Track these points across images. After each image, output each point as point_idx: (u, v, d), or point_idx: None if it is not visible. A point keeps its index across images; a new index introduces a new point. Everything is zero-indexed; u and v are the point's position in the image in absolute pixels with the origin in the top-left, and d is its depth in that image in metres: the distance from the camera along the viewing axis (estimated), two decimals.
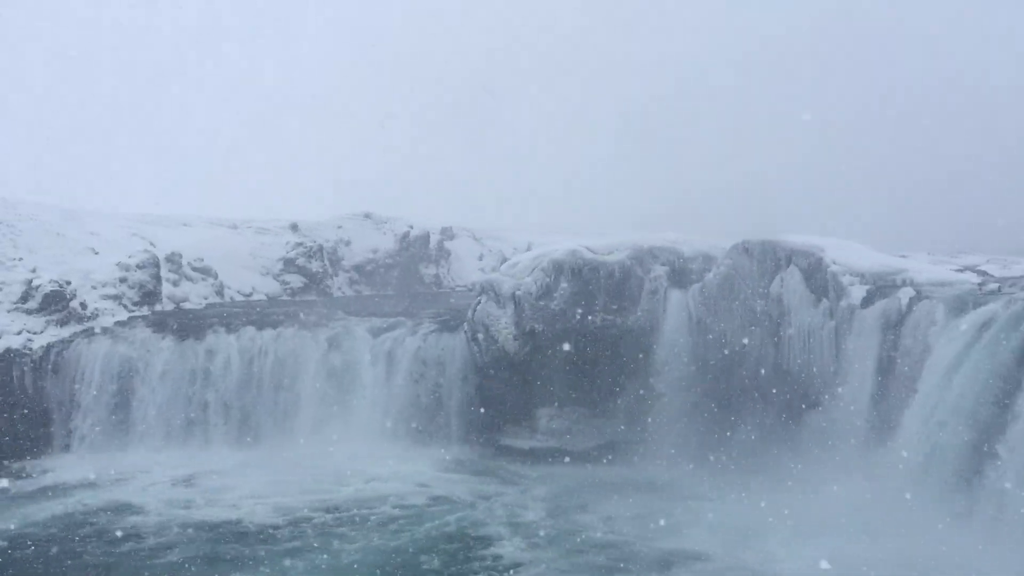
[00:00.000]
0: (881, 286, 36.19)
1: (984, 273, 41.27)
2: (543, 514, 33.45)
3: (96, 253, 53.02)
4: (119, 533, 31.36)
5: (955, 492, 28.67)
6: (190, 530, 31.60)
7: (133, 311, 49.65)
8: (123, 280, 50.42)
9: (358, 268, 69.67)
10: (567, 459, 39.96)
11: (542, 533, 31.11)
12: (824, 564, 26.60)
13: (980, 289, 34.76)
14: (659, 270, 42.71)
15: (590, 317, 42.67)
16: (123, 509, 34.18)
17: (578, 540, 30.42)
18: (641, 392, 41.40)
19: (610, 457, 40.05)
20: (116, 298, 49.37)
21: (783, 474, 34.37)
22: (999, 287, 34.66)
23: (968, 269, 41.95)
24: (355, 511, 33.79)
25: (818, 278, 38.06)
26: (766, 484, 34.15)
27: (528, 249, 60.61)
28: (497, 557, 28.88)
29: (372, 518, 32.92)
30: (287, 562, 28.50)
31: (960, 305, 32.48)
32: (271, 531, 31.51)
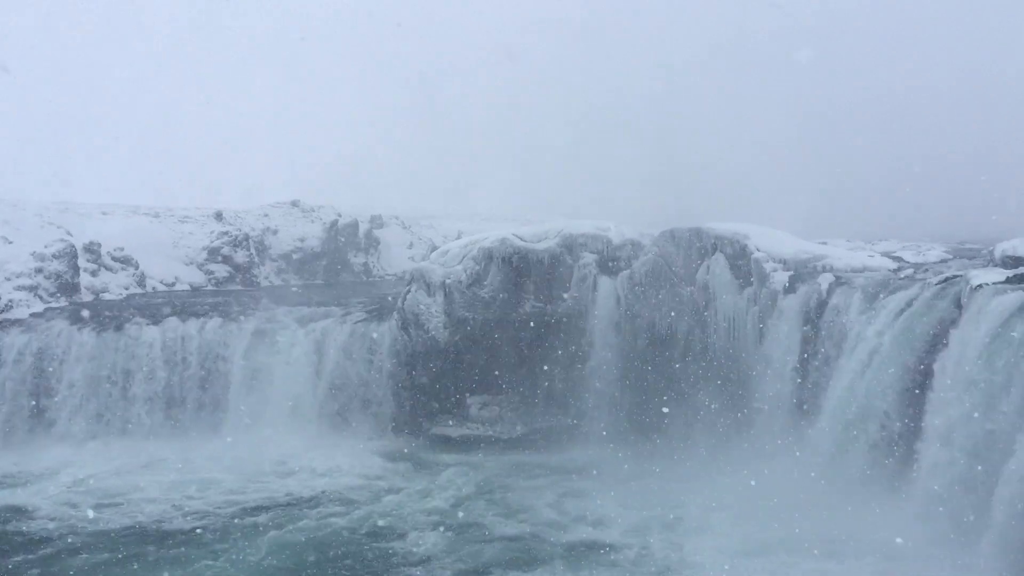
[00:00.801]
0: (802, 272, 37.20)
1: (900, 259, 42.65)
2: (464, 504, 33.26)
3: (9, 242, 51.04)
4: (21, 537, 29.93)
5: (876, 470, 29.65)
6: (100, 532, 30.31)
7: (49, 302, 48.04)
8: (39, 270, 48.71)
9: (285, 257, 68.51)
10: (498, 447, 40.14)
11: (459, 525, 30.92)
12: (735, 549, 27.22)
13: (896, 274, 35.95)
14: (588, 257, 43.06)
15: (520, 305, 42.87)
16: (29, 510, 32.68)
17: (494, 532, 30.34)
18: (571, 379, 41.77)
19: (541, 444, 40.35)
20: (31, 289, 47.68)
21: (710, 457, 35.11)
22: (914, 272, 35.91)
23: (884, 255, 43.28)
24: (276, 505, 33.30)
25: (742, 265, 38.88)
26: (693, 469, 34.82)
27: (458, 237, 60.42)
28: (409, 552, 28.50)
29: (293, 512, 32.40)
30: (200, 562, 27.60)
31: (877, 290, 33.56)
32: (188, 530, 30.55)
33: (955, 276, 30.84)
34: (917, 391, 29.11)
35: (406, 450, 40.30)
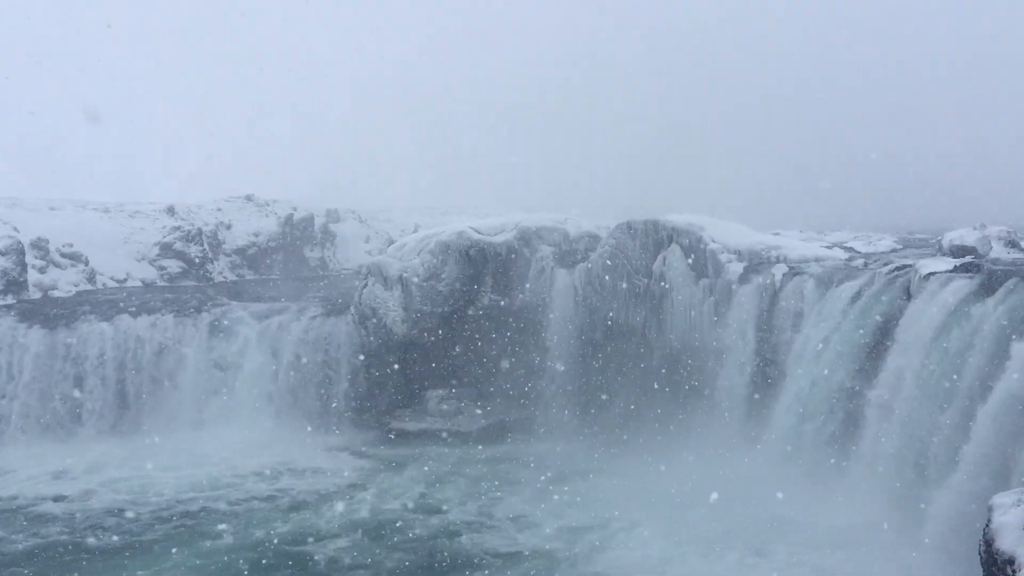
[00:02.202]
0: (757, 263, 37.65)
1: (851, 249, 43.34)
2: (402, 505, 32.72)
3: None
4: None
5: (829, 455, 30.11)
6: (31, 547, 29.20)
7: None
8: None
9: (240, 252, 67.55)
10: (456, 440, 39.98)
11: (390, 526, 30.36)
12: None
13: (848, 264, 36.55)
14: (545, 250, 43.16)
15: (478, 298, 42.87)
16: None
17: (422, 534, 29.77)
18: (529, 371, 41.85)
19: (500, 437, 40.33)
20: None
21: (666, 447, 35.31)
22: (865, 262, 36.55)
23: (836, 246, 43.96)
24: (222, 508, 32.69)
25: (698, 256, 39.22)
26: (647, 459, 34.85)
27: (415, 231, 60.23)
28: (320, 559, 27.73)
29: (235, 515, 31.77)
30: (136, 572, 26.91)
31: (829, 280, 34.12)
32: (126, 537, 29.80)
33: (905, 265, 31.46)
34: (868, 377, 29.66)
35: (364, 445, 40.03)
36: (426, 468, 36.92)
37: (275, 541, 29.27)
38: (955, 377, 24.97)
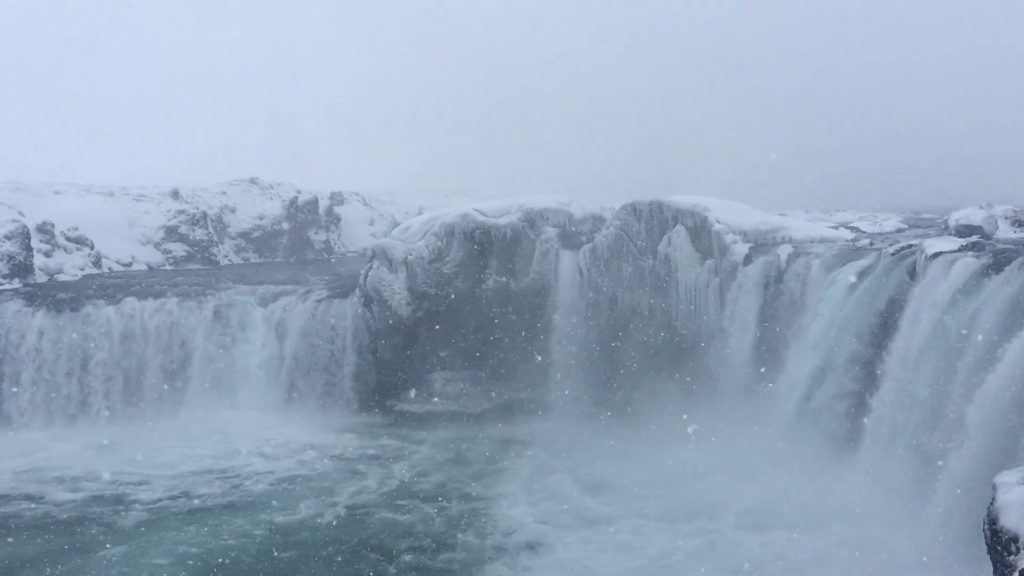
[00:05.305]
0: (762, 243, 37.60)
1: (857, 229, 43.25)
2: (405, 486, 32.62)
3: None
4: None
5: (833, 431, 30.20)
6: (44, 522, 29.71)
7: (2, 284, 47.01)
8: None
9: (245, 235, 67.57)
10: (461, 422, 40.13)
11: (386, 511, 30.17)
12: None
13: (853, 245, 36.48)
14: (550, 232, 43.11)
15: (483, 280, 42.87)
16: None
17: (416, 516, 29.71)
18: (535, 352, 41.89)
19: (506, 418, 40.45)
20: None
21: (671, 427, 35.27)
22: (871, 242, 36.48)
23: (842, 226, 43.87)
24: (231, 486, 32.95)
25: (703, 237, 39.17)
26: (652, 440, 34.92)
27: (420, 213, 60.10)
28: (322, 541, 27.55)
29: (243, 495, 31.84)
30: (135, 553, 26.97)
31: (835, 260, 34.07)
32: (116, 524, 29.71)
33: (911, 245, 31.38)
34: (874, 357, 29.67)
35: (369, 428, 40.19)
36: (431, 449, 37.07)
37: (280, 523, 29.44)
38: (961, 357, 24.93)
